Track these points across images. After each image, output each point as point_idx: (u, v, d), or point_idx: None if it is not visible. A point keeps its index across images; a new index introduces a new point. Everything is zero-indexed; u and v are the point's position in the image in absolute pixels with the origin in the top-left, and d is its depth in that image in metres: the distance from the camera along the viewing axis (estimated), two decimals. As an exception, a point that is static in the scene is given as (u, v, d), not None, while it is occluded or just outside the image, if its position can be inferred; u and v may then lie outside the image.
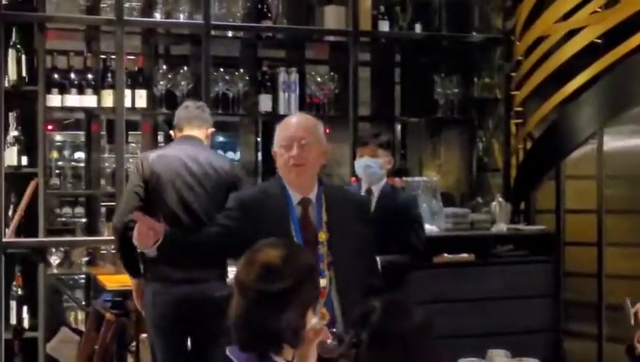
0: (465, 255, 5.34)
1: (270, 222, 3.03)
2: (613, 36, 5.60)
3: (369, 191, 4.16)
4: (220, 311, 2.30)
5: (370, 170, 4.15)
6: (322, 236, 3.08)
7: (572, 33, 5.77)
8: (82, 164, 6.13)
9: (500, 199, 5.74)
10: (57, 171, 6.51)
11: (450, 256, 5.30)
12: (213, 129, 4.42)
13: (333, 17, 5.78)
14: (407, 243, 4.17)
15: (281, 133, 3.10)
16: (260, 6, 5.67)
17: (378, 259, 3.58)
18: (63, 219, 6.96)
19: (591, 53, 5.73)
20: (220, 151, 5.83)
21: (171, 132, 4.50)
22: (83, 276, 5.80)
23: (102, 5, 5.44)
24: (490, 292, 5.31)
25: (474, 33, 6.21)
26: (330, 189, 3.25)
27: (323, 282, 2.99)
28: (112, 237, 5.13)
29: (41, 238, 5.15)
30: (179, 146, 4.27)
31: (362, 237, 3.18)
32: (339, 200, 3.21)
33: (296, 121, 3.15)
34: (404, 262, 4.14)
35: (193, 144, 4.25)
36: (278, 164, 3.12)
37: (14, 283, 5.19)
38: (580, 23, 5.74)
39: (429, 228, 5.33)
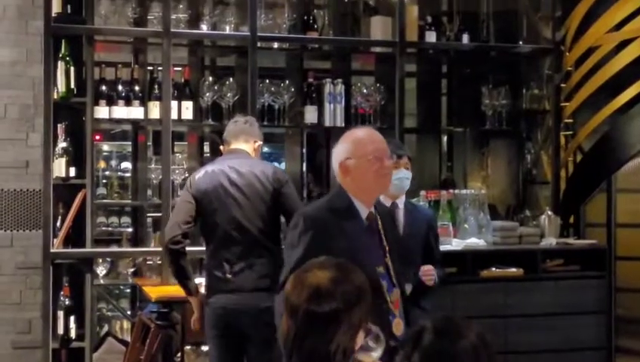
0: (513, 269, 5.25)
1: (347, 240, 3.03)
2: (666, 47, 5.49)
3: (394, 206, 4.12)
4: (267, 322, 2.28)
5: (407, 181, 4.16)
6: (387, 248, 3.14)
7: (624, 43, 5.67)
8: (129, 174, 6.17)
9: (550, 212, 5.64)
10: (104, 181, 6.57)
11: (498, 270, 5.22)
12: (260, 142, 4.44)
13: (379, 28, 5.74)
14: (434, 256, 4.18)
15: (369, 144, 3.11)
16: (305, 17, 5.66)
17: None
18: (110, 229, 7.02)
19: (644, 63, 5.62)
20: (265, 162, 5.82)
21: (221, 147, 4.54)
22: (129, 286, 5.82)
23: (149, 17, 5.47)
24: (539, 307, 5.21)
25: (522, 43, 6.12)
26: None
27: (395, 295, 3.08)
28: (158, 249, 5.25)
29: (88, 249, 5.18)
30: (223, 161, 4.32)
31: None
32: (382, 212, 3.28)
33: (379, 135, 3.20)
34: (443, 276, 4.17)
35: (237, 157, 4.30)
36: (363, 175, 3.08)
37: (62, 293, 5.22)
38: (632, 34, 5.63)
39: (477, 241, 5.28)
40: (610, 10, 5.74)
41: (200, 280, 4.90)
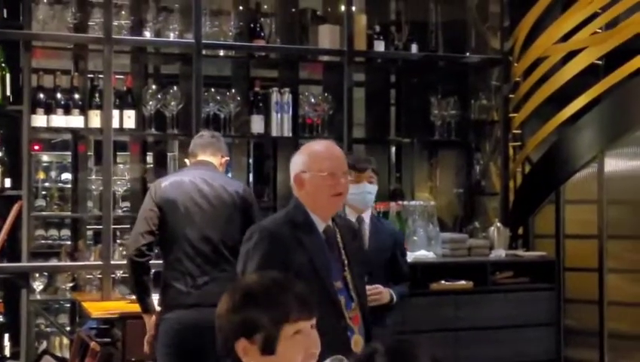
0: (463, 282, 5.18)
1: (305, 254, 2.97)
2: (614, 58, 5.49)
3: (359, 219, 4.03)
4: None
5: (370, 196, 4.07)
6: (345, 262, 3.07)
7: (572, 54, 5.66)
8: (69, 186, 5.97)
9: (499, 224, 5.60)
10: (44, 192, 6.36)
11: (448, 283, 5.14)
12: (227, 158, 4.38)
13: (327, 37, 5.64)
14: (400, 272, 4.10)
15: (325, 160, 3.01)
16: (252, 25, 5.53)
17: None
18: (50, 241, 6.79)
19: (591, 74, 5.63)
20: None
21: (186, 160, 4.43)
22: (69, 302, 5.61)
23: (90, 23, 5.29)
24: (489, 320, 5.16)
25: (470, 54, 6.09)
26: (335, 216, 3.19)
27: (354, 310, 3.00)
28: (98, 262, 5.07)
29: (24, 263, 4.97)
30: (192, 171, 4.22)
31: (362, 262, 3.23)
32: (342, 225, 3.17)
33: (338, 150, 3.10)
34: (406, 292, 4.10)
35: (207, 169, 4.22)
36: (316, 191, 3.01)
37: (-5, 309, 5.00)
38: (580, 44, 5.63)
39: (426, 253, 5.21)
40: (557, 20, 5.73)
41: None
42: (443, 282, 5.15)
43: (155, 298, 4.22)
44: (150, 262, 4.08)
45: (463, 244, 5.43)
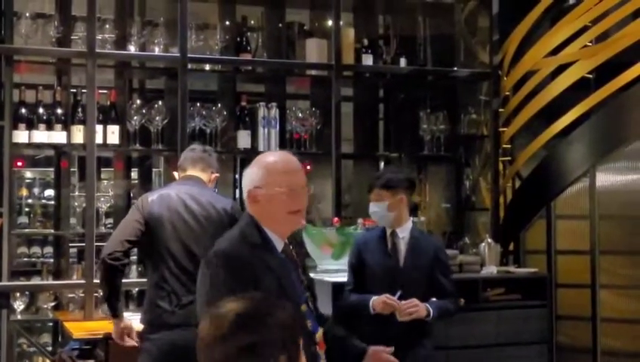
0: (454, 299, 5.07)
1: (273, 277, 2.65)
2: (605, 71, 5.44)
3: (393, 234, 4.08)
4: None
5: (376, 214, 4.08)
6: (305, 283, 2.82)
7: (562, 68, 5.60)
8: (52, 202, 5.86)
9: (490, 240, 5.50)
10: (27, 209, 6.24)
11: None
12: (217, 174, 4.28)
13: (314, 51, 5.57)
14: (442, 289, 4.09)
15: (282, 175, 2.68)
16: (238, 39, 5.46)
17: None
18: (33, 259, 6.67)
19: (582, 88, 5.57)
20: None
21: (175, 173, 4.32)
22: (51, 321, 5.47)
23: (73, 38, 5.20)
24: (481, 338, 5.05)
25: (457, 68, 6.01)
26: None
27: (319, 335, 2.74)
28: (81, 281, 4.95)
29: (5, 282, 4.84)
30: (179, 186, 4.11)
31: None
32: (296, 243, 2.94)
33: (296, 163, 2.76)
34: (450, 307, 4.12)
35: (195, 184, 4.11)
36: (272, 207, 2.67)
37: (-25, 330, 4.87)
38: (570, 58, 5.57)
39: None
40: (547, 34, 5.69)
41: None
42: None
43: (137, 317, 4.13)
44: (124, 266, 3.96)
45: (453, 261, 5.31)
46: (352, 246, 4.32)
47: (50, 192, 7.16)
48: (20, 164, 6.95)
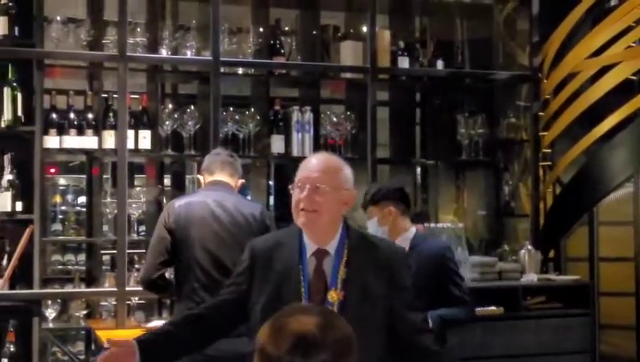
0: (493, 308, 4.95)
1: (278, 274, 2.64)
2: (650, 73, 5.27)
3: None
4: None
5: (372, 231, 3.90)
6: (333, 296, 2.58)
7: (604, 70, 5.43)
8: (85, 209, 5.81)
9: (530, 247, 5.36)
10: (61, 216, 6.20)
11: (477, 309, 4.87)
12: (243, 180, 4.18)
13: (349, 54, 5.45)
14: (450, 296, 3.91)
15: (299, 172, 2.67)
16: (272, 42, 5.36)
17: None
18: (68, 266, 6.63)
19: (625, 91, 5.40)
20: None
21: (199, 176, 4.23)
22: (84, 329, 5.41)
23: (104, 41, 5.12)
24: (521, 348, 4.93)
25: (495, 70, 5.85)
26: (356, 239, 2.68)
27: None
28: (113, 289, 4.88)
29: (36, 290, 4.78)
30: (208, 192, 4.03)
31: (384, 301, 2.61)
32: (364, 252, 2.67)
33: (316, 160, 2.68)
34: (456, 314, 3.91)
35: (222, 190, 4.02)
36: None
37: (7, 339, 4.80)
38: (613, 59, 5.40)
39: (453, 278, 4.97)
40: (589, 35, 5.53)
41: (157, 323, 4.55)
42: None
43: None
44: (165, 285, 3.99)
45: (492, 268, 5.20)
46: None
47: (83, 199, 7.13)
48: (53, 170, 6.95)
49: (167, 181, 5.78)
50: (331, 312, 1.94)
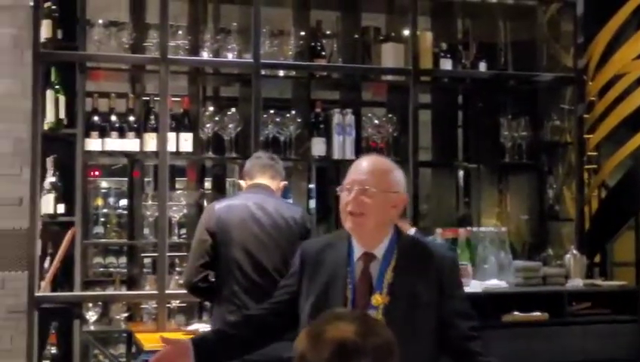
0: (538, 313, 4.83)
1: (326, 276, 2.63)
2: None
3: None
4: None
5: None
6: (378, 299, 2.55)
7: (652, 71, 5.32)
8: (127, 212, 5.82)
9: (575, 251, 5.24)
10: (103, 219, 6.23)
11: (521, 314, 4.80)
12: (285, 183, 4.17)
13: (391, 56, 5.40)
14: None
15: (348, 174, 2.65)
16: (313, 44, 5.32)
17: None
18: (110, 269, 6.67)
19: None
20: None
21: (241, 181, 4.23)
22: (125, 332, 5.42)
23: (146, 44, 5.13)
24: (567, 355, 4.79)
25: (538, 72, 5.75)
26: (407, 245, 2.66)
27: None
28: (154, 291, 4.87)
29: (77, 292, 4.79)
30: (248, 195, 4.02)
31: (431, 308, 2.57)
32: (413, 258, 2.63)
33: (365, 163, 2.65)
34: None
35: (263, 192, 4.00)
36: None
37: (48, 341, 4.82)
38: (661, 60, 5.28)
39: (498, 283, 4.89)
40: (636, 35, 5.41)
41: (197, 327, 4.55)
42: (516, 313, 4.81)
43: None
44: (209, 288, 3.96)
45: (537, 273, 5.08)
46: None
47: (124, 202, 7.16)
48: (96, 173, 7.00)
49: (207, 184, 5.77)
50: (370, 318, 1.90)
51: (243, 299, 3.77)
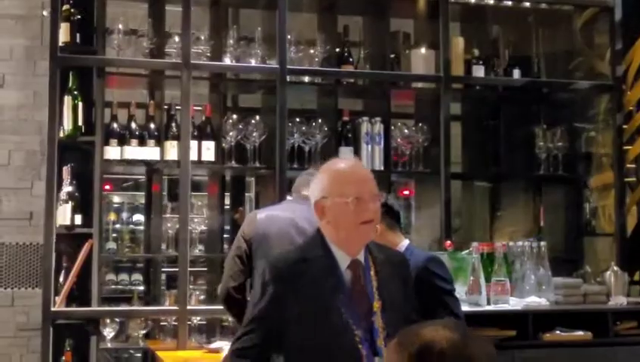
0: (581, 332, 4.57)
1: (314, 294, 2.50)
2: None
3: None
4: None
5: None
6: (376, 305, 2.54)
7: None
8: (141, 227, 5.62)
9: (615, 268, 4.98)
10: (114, 235, 6.04)
11: (563, 333, 4.54)
12: None
13: (421, 62, 5.18)
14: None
15: (349, 184, 2.56)
16: (340, 49, 5.10)
17: None
18: (120, 286, 6.46)
19: None
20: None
21: (288, 196, 4.09)
22: (140, 350, 5.17)
23: (167, 50, 4.92)
24: (612, 376, 4.53)
25: (574, 80, 5.52)
26: (373, 247, 2.67)
27: None
28: (173, 307, 4.64)
29: (95, 307, 4.55)
30: (291, 206, 3.86)
31: (408, 303, 2.66)
32: (383, 259, 2.66)
33: (364, 170, 2.70)
34: None
35: (308, 204, 3.71)
36: (339, 220, 2.55)
37: (63, 358, 4.58)
38: None
39: (538, 300, 4.63)
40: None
41: (220, 344, 4.32)
42: (558, 332, 4.55)
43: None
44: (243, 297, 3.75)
45: (577, 290, 4.83)
46: None
47: (138, 217, 6.94)
48: (107, 187, 6.78)
49: (227, 200, 5.53)
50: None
51: None
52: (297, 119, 5.00)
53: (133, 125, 4.78)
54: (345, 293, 2.51)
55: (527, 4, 5.52)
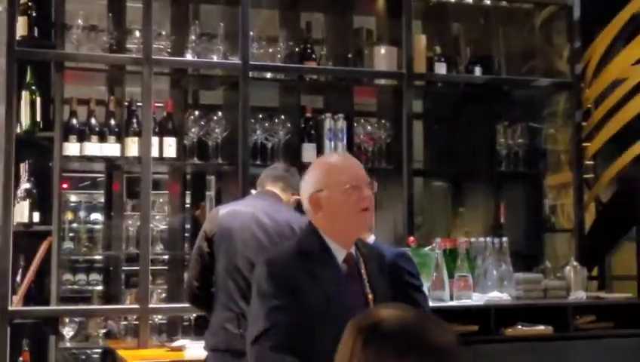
0: (542, 327, 4.60)
1: (316, 290, 2.51)
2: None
3: None
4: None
5: None
6: (370, 297, 2.59)
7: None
8: (98, 226, 5.53)
9: (575, 263, 5.02)
10: (71, 234, 5.95)
11: (525, 328, 4.56)
12: (298, 197, 3.86)
13: (384, 59, 5.17)
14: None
15: (344, 172, 2.60)
16: (302, 46, 5.08)
17: None
18: (77, 286, 6.39)
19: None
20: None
21: (252, 191, 4.05)
22: (101, 349, 5.10)
23: (127, 46, 4.85)
24: (572, 370, 4.57)
25: (534, 78, 5.57)
26: (358, 242, 2.72)
27: None
28: (134, 306, 4.59)
29: (53, 307, 4.47)
30: (254, 201, 3.82)
31: (390, 294, 2.69)
32: (367, 253, 2.71)
33: (352, 160, 2.73)
34: None
35: (271, 200, 3.75)
36: (339, 209, 2.57)
37: (21, 359, 4.49)
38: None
39: (499, 295, 4.65)
40: (635, 40, 5.25)
41: (182, 343, 4.29)
42: (519, 327, 4.58)
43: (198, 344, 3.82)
44: (209, 298, 3.73)
45: (538, 286, 4.85)
46: None
47: (95, 216, 6.86)
48: (65, 186, 6.67)
49: (187, 198, 5.47)
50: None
51: (241, 305, 3.52)
52: (260, 115, 4.97)
53: (93, 121, 4.70)
54: (345, 285, 2.55)
55: (488, 2, 5.57)
